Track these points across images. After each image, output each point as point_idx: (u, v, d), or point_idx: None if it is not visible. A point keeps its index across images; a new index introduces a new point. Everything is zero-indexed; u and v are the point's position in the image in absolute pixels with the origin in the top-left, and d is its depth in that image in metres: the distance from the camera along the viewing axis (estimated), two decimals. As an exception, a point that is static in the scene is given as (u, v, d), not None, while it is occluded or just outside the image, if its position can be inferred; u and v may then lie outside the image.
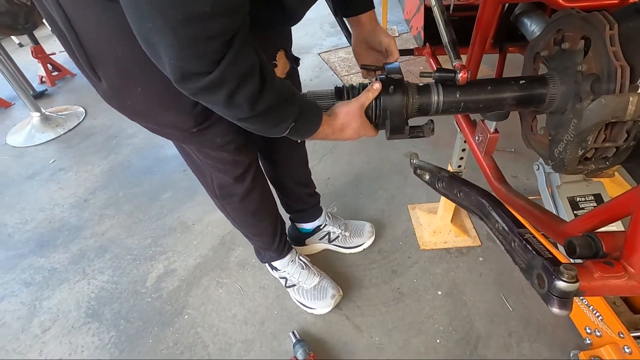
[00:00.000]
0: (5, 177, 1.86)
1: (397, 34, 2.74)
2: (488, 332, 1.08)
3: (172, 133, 0.76)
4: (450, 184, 0.71)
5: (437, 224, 1.36)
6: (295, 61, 0.92)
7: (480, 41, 0.83)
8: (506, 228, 0.51)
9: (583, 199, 1.00)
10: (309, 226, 1.31)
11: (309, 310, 1.17)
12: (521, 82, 0.68)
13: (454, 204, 1.30)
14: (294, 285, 1.19)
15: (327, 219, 1.32)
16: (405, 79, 0.70)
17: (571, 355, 0.99)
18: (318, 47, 2.68)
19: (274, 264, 1.19)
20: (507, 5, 1.04)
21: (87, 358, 1.11)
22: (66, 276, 1.36)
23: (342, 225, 1.33)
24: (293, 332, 1.08)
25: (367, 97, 0.67)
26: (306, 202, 1.27)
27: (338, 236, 1.32)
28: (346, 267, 1.28)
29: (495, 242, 1.31)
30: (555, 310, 0.41)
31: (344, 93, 0.71)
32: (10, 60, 2.35)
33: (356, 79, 2.30)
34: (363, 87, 0.70)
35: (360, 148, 1.78)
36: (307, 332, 1.11)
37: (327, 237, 1.32)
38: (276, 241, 1.12)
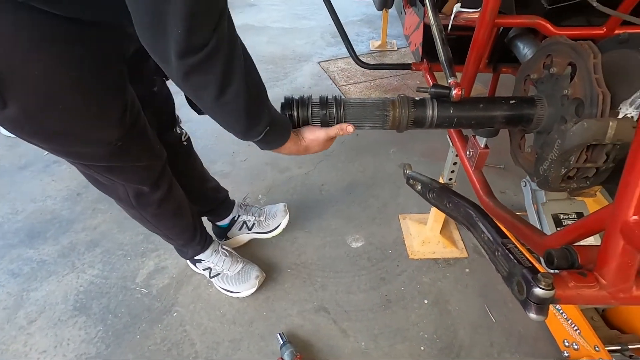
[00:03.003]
0: (-3, 166, 1.85)
1: (396, 48, 2.81)
2: (471, 341, 1.10)
3: (91, 152, 0.73)
4: (440, 194, 0.74)
5: (426, 234, 1.39)
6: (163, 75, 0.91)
7: (474, 60, 0.87)
8: (491, 238, 0.55)
9: (566, 217, 1.04)
10: (224, 221, 1.35)
11: (234, 295, 1.21)
12: (511, 102, 0.72)
13: (443, 216, 1.34)
14: (218, 274, 1.22)
15: (240, 209, 1.36)
16: (402, 93, 0.74)
17: (549, 367, 1.02)
18: (318, 55, 2.73)
19: (197, 256, 1.21)
20: (502, 28, 1.09)
21: (73, 351, 1.11)
22: (55, 269, 1.35)
23: (256, 212, 1.36)
24: (280, 334, 1.09)
25: (336, 133, 0.71)
26: (213, 199, 1.29)
27: (254, 223, 1.35)
28: (335, 272, 1.31)
29: (481, 255, 1.35)
30: (533, 315, 0.44)
31: (293, 105, 0.72)
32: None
33: (354, 89, 2.35)
34: (322, 101, 0.71)
35: (355, 156, 1.82)
36: (294, 335, 1.13)
37: (244, 226, 1.35)
38: (197, 235, 1.15)
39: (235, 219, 1.35)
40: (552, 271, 0.48)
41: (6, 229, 1.51)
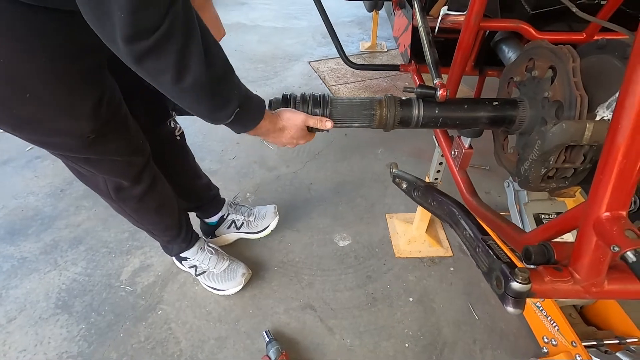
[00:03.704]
0: (-23, 161, 1.79)
1: (386, 50, 2.83)
2: (454, 338, 1.12)
3: (63, 143, 0.71)
4: (425, 193, 0.75)
5: (412, 233, 1.41)
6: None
7: (460, 62, 0.89)
8: (472, 235, 0.56)
9: (547, 217, 1.07)
10: (213, 219, 1.34)
11: (220, 293, 1.21)
12: (494, 103, 0.74)
13: (429, 215, 1.36)
14: (204, 272, 1.21)
15: (230, 208, 1.35)
16: (389, 93, 0.75)
17: (529, 363, 1.05)
18: (309, 55, 2.73)
19: (183, 254, 1.20)
20: (488, 32, 1.11)
21: (54, 350, 1.09)
22: (36, 266, 1.32)
23: (246, 212, 1.36)
24: (266, 332, 1.09)
25: (314, 123, 0.72)
26: (204, 195, 1.28)
27: (243, 223, 1.35)
28: (322, 270, 1.31)
29: (466, 254, 1.37)
30: (510, 309, 0.45)
31: (290, 101, 0.76)
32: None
33: (344, 89, 2.36)
34: (314, 99, 0.75)
35: (343, 156, 1.83)
36: (280, 332, 1.13)
37: (232, 225, 1.35)
38: (182, 232, 1.14)
39: (224, 217, 1.35)
40: (529, 266, 0.49)
41: (-15, 225, 1.47)
